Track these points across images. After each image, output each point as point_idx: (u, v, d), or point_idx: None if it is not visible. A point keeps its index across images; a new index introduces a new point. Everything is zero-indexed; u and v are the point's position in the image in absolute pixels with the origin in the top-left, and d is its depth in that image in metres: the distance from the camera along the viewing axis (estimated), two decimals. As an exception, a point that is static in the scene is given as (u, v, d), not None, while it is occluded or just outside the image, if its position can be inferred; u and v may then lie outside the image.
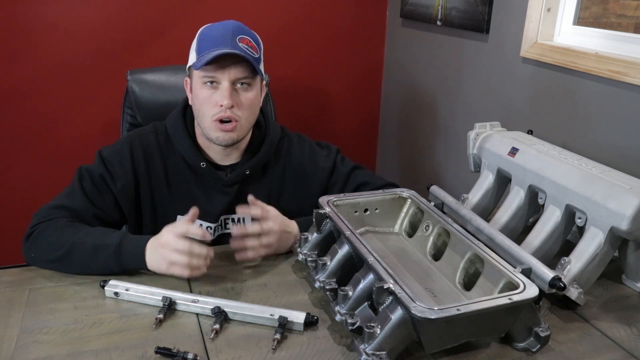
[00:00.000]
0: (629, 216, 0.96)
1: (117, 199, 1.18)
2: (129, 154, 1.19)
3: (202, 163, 1.20)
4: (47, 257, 1.05)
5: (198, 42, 1.15)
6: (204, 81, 1.13)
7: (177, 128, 1.22)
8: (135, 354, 0.84)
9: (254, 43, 1.15)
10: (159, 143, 1.22)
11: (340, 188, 1.29)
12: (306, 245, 1.08)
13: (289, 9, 2.29)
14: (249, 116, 1.17)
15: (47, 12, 2.01)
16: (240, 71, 1.12)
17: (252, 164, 1.23)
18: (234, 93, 1.13)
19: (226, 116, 1.13)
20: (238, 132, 1.17)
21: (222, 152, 1.23)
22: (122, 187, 1.17)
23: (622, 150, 1.37)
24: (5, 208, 2.15)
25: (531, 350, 0.88)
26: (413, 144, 2.40)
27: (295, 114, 2.42)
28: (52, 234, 1.06)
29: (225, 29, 1.13)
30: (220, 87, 1.13)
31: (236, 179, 1.23)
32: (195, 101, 1.17)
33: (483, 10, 1.82)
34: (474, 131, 1.34)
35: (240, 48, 1.11)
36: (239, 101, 1.14)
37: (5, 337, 0.87)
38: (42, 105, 2.09)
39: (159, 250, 1.01)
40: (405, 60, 2.38)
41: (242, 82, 1.14)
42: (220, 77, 1.12)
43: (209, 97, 1.14)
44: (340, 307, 0.89)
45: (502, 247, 1.02)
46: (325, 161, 1.30)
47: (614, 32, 1.47)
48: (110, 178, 1.17)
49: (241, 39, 1.12)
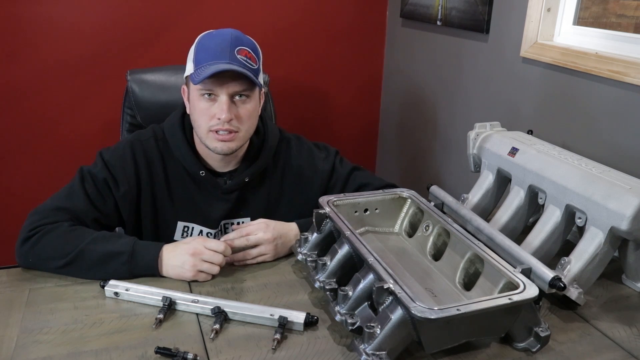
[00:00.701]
0: (629, 216, 0.96)
1: (118, 203, 1.17)
2: (131, 159, 1.18)
3: (202, 171, 1.20)
4: (49, 265, 1.04)
5: (196, 52, 1.14)
6: (201, 93, 1.12)
7: (176, 137, 1.21)
8: (135, 354, 0.84)
9: (253, 53, 1.14)
10: (159, 149, 1.21)
11: (340, 190, 1.28)
12: (306, 245, 1.08)
13: (289, 10, 2.29)
14: (248, 127, 1.17)
15: (47, 12, 2.00)
16: (239, 85, 1.12)
17: (251, 171, 1.23)
18: (232, 106, 1.12)
19: (224, 129, 1.12)
20: (237, 142, 1.16)
21: (221, 160, 1.22)
22: (124, 192, 1.16)
23: (622, 150, 1.37)
24: (5, 208, 2.15)
25: (531, 350, 0.88)
26: (413, 144, 2.40)
27: (295, 114, 2.42)
28: (55, 240, 1.04)
29: (224, 40, 1.11)
30: (219, 101, 1.12)
31: (235, 187, 1.23)
32: (192, 112, 1.17)
33: (483, 10, 1.82)
34: (474, 131, 1.34)
35: (239, 61, 1.10)
36: (238, 113, 1.13)
37: (5, 337, 0.87)
38: (42, 105, 2.09)
39: (189, 258, 1.03)
40: (406, 60, 2.38)
41: (241, 94, 1.13)
42: (219, 91, 1.11)
43: (207, 109, 1.13)
44: (340, 307, 0.89)
45: (502, 247, 1.02)
46: (324, 164, 1.30)
47: (614, 32, 1.47)
48: (114, 183, 1.16)
49: (239, 51, 1.11)
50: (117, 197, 1.16)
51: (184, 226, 1.23)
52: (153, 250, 1.04)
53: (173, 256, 1.04)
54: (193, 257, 1.03)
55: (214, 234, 1.25)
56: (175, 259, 1.04)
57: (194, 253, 1.03)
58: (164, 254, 1.04)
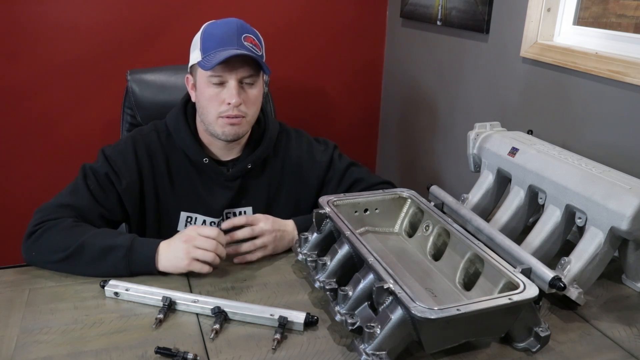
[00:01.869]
0: (629, 216, 0.96)
1: (122, 197, 1.18)
2: (132, 152, 1.20)
3: (205, 159, 1.22)
4: (51, 258, 1.04)
5: (203, 40, 1.16)
6: (210, 80, 1.15)
7: (179, 125, 1.23)
8: (135, 354, 0.84)
9: (257, 41, 1.17)
10: (160, 141, 1.23)
11: (337, 183, 1.32)
12: (306, 245, 1.08)
13: (289, 9, 2.29)
14: (254, 112, 1.21)
15: (47, 12, 2.00)
16: (247, 70, 1.15)
17: (253, 158, 1.25)
18: (240, 91, 1.16)
19: (234, 114, 1.16)
20: (244, 127, 1.20)
21: (224, 147, 1.25)
22: (127, 186, 1.18)
23: (622, 150, 1.37)
24: (5, 208, 2.15)
25: (531, 350, 0.88)
26: (413, 144, 2.40)
27: (295, 114, 2.42)
28: (57, 233, 1.05)
29: (230, 28, 1.15)
30: (228, 86, 1.15)
31: (238, 174, 1.24)
32: (200, 98, 1.19)
33: (483, 10, 1.82)
34: (474, 131, 1.34)
35: (246, 47, 1.13)
36: (246, 98, 1.17)
37: (5, 337, 0.87)
38: (42, 105, 2.09)
39: (182, 245, 1.03)
40: (405, 60, 2.38)
41: (248, 81, 1.16)
42: (228, 77, 1.14)
43: (216, 95, 1.16)
44: (340, 307, 0.89)
45: (502, 247, 1.02)
46: (323, 155, 1.33)
47: (614, 32, 1.47)
48: (116, 176, 1.17)
49: (246, 38, 1.15)
50: (120, 190, 1.17)
51: (187, 217, 1.25)
52: (151, 245, 1.05)
53: (167, 248, 1.04)
54: (186, 243, 1.03)
55: (217, 222, 1.26)
56: (170, 250, 1.04)
57: (186, 240, 1.03)
58: (160, 248, 1.05)
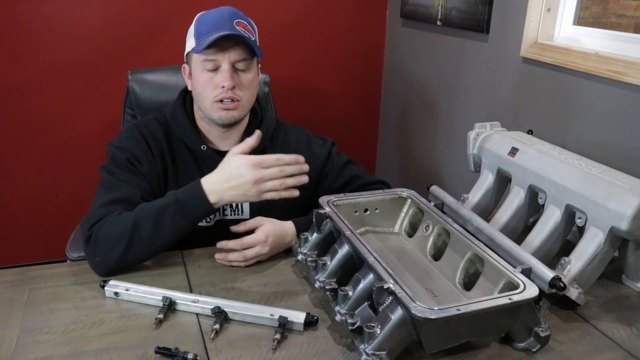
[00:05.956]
0: (629, 216, 0.96)
1: (147, 179, 1.18)
2: (141, 137, 1.21)
3: (203, 146, 1.23)
4: (115, 252, 1.02)
5: (196, 27, 1.18)
6: (204, 65, 1.17)
7: (177, 114, 1.25)
8: (135, 354, 0.84)
9: (250, 27, 1.19)
10: (162, 129, 1.25)
11: (333, 179, 1.32)
12: (306, 245, 1.08)
13: (289, 9, 2.29)
14: (249, 97, 1.22)
15: (47, 12, 2.01)
16: (240, 53, 1.17)
17: None
18: (234, 75, 1.17)
19: (228, 97, 1.17)
20: (240, 111, 1.21)
21: (222, 135, 1.26)
22: (148, 169, 1.19)
23: (622, 150, 1.37)
24: (5, 208, 2.15)
25: (531, 350, 0.88)
26: (413, 144, 2.40)
27: (295, 113, 2.42)
28: (109, 228, 1.03)
29: (222, 13, 1.17)
30: (221, 70, 1.17)
31: None
32: (195, 85, 1.21)
33: (483, 10, 1.82)
34: (474, 131, 1.34)
35: (238, 31, 1.15)
36: (240, 82, 1.18)
37: (5, 337, 0.87)
38: (42, 105, 2.09)
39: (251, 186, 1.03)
40: (405, 60, 2.38)
41: (241, 65, 1.18)
42: (221, 60, 1.16)
43: (210, 80, 1.17)
44: (340, 307, 0.89)
45: (502, 247, 1.02)
46: (321, 149, 1.34)
47: (614, 32, 1.47)
48: (136, 160, 1.18)
49: (238, 23, 1.17)
50: (144, 172, 1.18)
51: None
52: (193, 189, 1.05)
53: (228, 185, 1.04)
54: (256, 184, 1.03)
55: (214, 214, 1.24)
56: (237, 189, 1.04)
57: (256, 181, 1.03)
58: (208, 187, 1.05)
